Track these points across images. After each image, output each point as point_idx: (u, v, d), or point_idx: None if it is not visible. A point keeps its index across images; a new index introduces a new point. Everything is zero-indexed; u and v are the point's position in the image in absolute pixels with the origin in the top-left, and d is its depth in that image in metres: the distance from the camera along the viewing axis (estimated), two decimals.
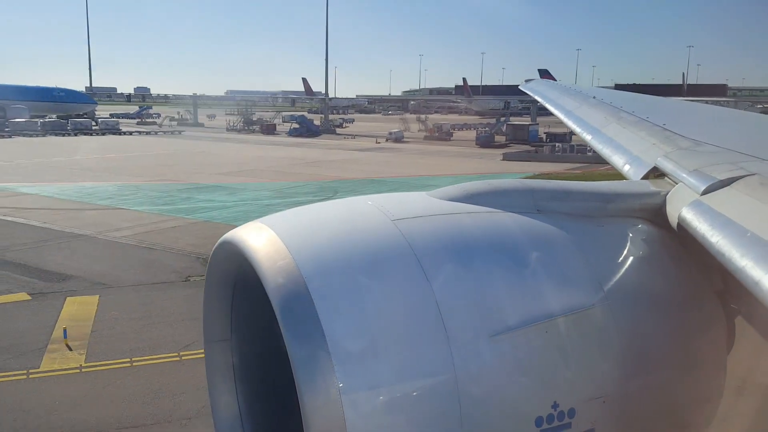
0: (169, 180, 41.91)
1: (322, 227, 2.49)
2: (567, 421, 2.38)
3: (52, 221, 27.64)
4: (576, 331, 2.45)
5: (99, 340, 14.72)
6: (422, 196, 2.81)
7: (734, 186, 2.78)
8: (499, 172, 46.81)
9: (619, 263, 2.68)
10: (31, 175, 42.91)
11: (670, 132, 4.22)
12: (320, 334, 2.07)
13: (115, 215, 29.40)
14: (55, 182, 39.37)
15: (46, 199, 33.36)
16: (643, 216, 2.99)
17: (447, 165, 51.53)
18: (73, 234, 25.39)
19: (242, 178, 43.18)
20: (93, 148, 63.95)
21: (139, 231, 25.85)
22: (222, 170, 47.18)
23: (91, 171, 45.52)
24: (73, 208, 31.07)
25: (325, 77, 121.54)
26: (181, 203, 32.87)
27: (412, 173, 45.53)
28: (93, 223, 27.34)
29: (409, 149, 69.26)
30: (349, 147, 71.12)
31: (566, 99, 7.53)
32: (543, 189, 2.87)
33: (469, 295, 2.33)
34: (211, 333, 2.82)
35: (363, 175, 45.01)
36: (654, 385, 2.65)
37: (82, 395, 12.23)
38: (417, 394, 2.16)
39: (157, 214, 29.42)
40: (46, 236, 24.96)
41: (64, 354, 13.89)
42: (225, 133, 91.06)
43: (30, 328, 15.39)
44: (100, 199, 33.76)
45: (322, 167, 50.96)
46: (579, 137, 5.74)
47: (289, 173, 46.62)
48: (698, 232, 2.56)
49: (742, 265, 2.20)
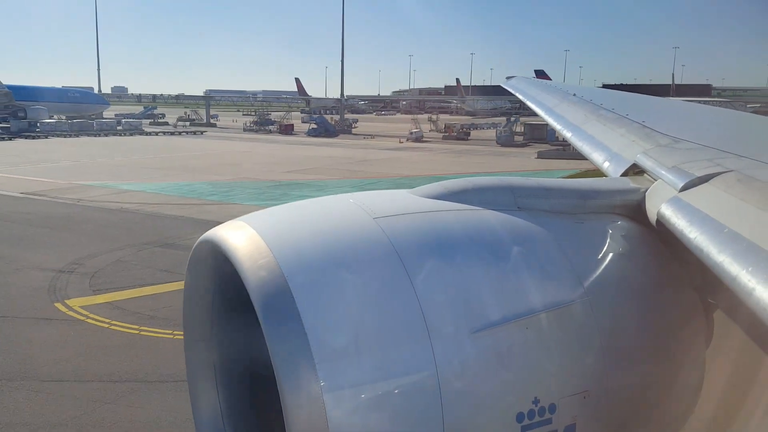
0: (249, 178, 40.89)
1: (303, 225, 2.45)
2: (548, 417, 2.34)
3: (189, 214, 27.71)
4: (556, 327, 2.41)
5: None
6: (404, 194, 2.77)
7: (712, 182, 2.74)
8: (543, 170, 46.04)
9: (598, 260, 2.64)
10: (114, 174, 41.61)
11: (649, 129, 4.16)
12: (301, 333, 2.04)
13: (237, 209, 27.95)
14: (148, 180, 38.73)
15: (161, 196, 33.00)
16: (623, 212, 2.95)
17: (491, 163, 51.20)
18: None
19: (314, 176, 42.15)
20: (138, 148, 62.06)
21: None
22: (287, 168, 46.22)
23: (163, 170, 44.55)
24: (193, 203, 30.78)
25: (341, 78, 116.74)
26: (285, 198, 32.10)
27: (468, 170, 44.98)
28: (229, 215, 26.72)
29: (438, 148, 67.72)
30: (376, 146, 69.06)
31: (546, 96, 7.42)
32: (523, 186, 2.83)
33: (450, 292, 2.30)
34: (192, 333, 2.76)
35: (425, 173, 42.95)
36: (634, 379, 2.60)
37: None
38: (399, 392, 2.12)
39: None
40: (201, 227, 25.75)
41: None
42: (243, 133, 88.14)
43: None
44: (207, 195, 33.52)
45: (375, 165, 49.97)
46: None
47: (353, 171, 45.98)
48: (677, 228, 2.53)
49: (719, 260, 2.18)
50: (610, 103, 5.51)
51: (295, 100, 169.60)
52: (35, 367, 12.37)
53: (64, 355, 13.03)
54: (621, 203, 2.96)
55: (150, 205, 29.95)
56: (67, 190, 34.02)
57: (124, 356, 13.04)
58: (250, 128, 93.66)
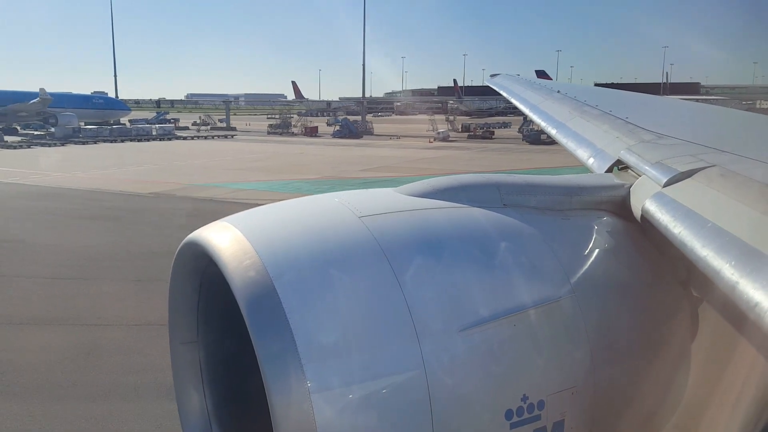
0: (334, 176, 40.61)
1: (288, 225, 2.40)
2: (537, 413, 2.30)
3: None
4: (544, 323, 2.37)
5: None
6: (389, 193, 2.73)
7: (695, 177, 2.72)
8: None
9: (585, 255, 2.61)
10: (208, 175, 41.50)
11: (632, 125, 4.13)
12: (288, 333, 2.00)
13: None
14: (244, 181, 38.59)
15: (278, 194, 31.74)
16: (608, 208, 2.91)
17: (537, 159, 49.86)
18: None
19: (386, 173, 41.55)
20: (194, 152, 61.38)
21: None
22: (358, 168, 45.53)
23: (242, 171, 44.10)
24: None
25: (362, 79, 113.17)
26: None
27: (524, 166, 45.03)
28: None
29: (472, 147, 66.97)
30: (411, 146, 68.14)
31: (531, 93, 7.33)
32: (509, 183, 2.77)
33: (437, 290, 2.26)
34: (177, 335, 2.70)
35: (491, 168, 42.42)
36: (621, 374, 2.56)
37: None
38: (387, 391, 2.08)
39: None
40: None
41: None
42: (268, 136, 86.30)
43: None
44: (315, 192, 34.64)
45: (435, 162, 49.58)
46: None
47: (420, 168, 45.21)
48: (661, 223, 2.50)
49: (703, 255, 2.17)
50: (594, 99, 5.49)
51: (290, 103, 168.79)
52: None
53: None
54: (606, 199, 2.93)
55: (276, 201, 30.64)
56: (189, 189, 34.30)
57: None
58: (274, 131, 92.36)
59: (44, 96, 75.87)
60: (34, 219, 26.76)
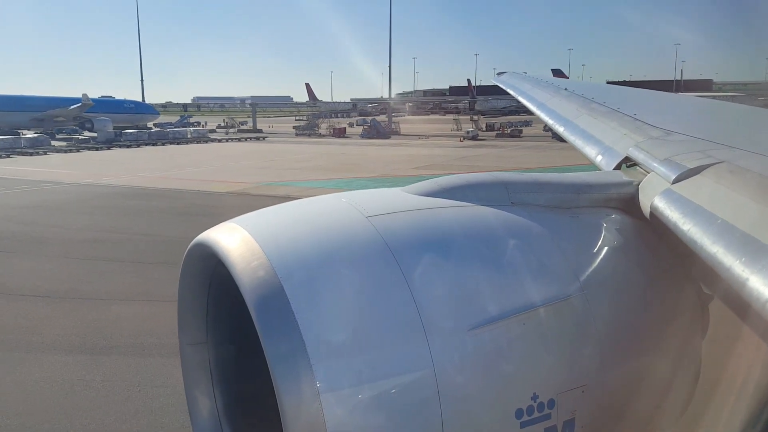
0: (392, 175, 40.27)
1: (296, 226, 2.38)
2: (547, 412, 2.27)
3: None
4: (553, 322, 2.34)
5: None
6: (396, 192, 2.71)
7: (704, 174, 2.66)
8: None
9: (594, 253, 2.57)
10: (269, 175, 41.32)
11: (640, 122, 4.05)
12: (297, 333, 2.00)
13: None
14: (304, 179, 38.56)
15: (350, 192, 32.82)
16: (617, 206, 2.85)
17: (577, 156, 46.82)
18: None
19: (438, 171, 40.14)
20: (238, 154, 60.44)
21: None
22: (405, 166, 45.09)
23: (295, 170, 43.81)
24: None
25: (389, 80, 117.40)
26: None
27: (565, 163, 44.47)
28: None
29: (506, 145, 65.47)
30: (445, 145, 67.22)
31: (538, 91, 7.21)
32: (517, 182, 2.73)
33: (446, 289, 2.23)
34: (187, 336, 2.70)
35: (537, 165, 42.34)
36: (632, 372, 2.52)
37: None
38: (396, 391, 2.06)
39: None
40: None
41: None
42: (297, 137, 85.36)
43: None
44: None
45: (481, 160, 48.79)
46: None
47: (472, 166, 44.29)
48: (670, 220, 2.46)
49: (713, 251, 2.13)
50: (602, 96, 5.41)
51: (304, 105, 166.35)
52: None
53: None
54: (614, 197, 2.88)
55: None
56: (261, 188, 34.15)
57: None
58: (302, 133, 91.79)
59: (86, 101, 77.32)
60: (142, 215, 27.40)
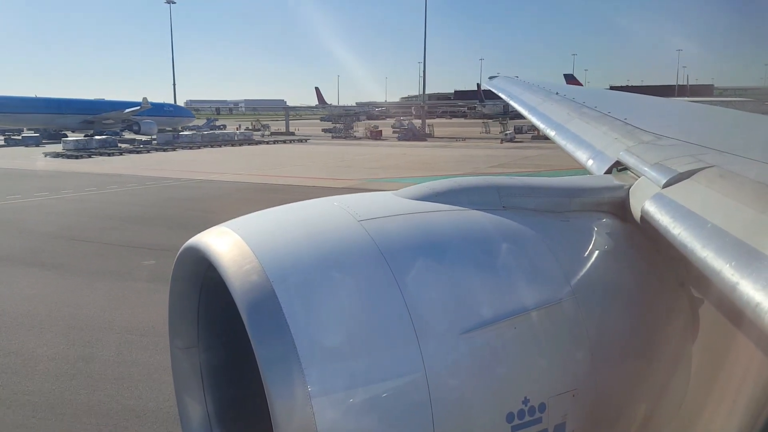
0: (470, 172, 38.72)
1: (288, 229, 2.34)
2: (538, 416, 2.23)
3: None
4: (545, 325, 2.29)
5: None
6: (388, 196, 2.65)
7: (694, 178, 2.59)
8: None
9: (585, 257, 2.52)
10: (346, 173, 41.12)
11: (631, 126, 3.98)
12: (288, 337, 1.98)
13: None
14: (403, 177, 37.75)
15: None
16: (608, 210, 2.78)
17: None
18: None
19: (507, 169, 40.61)
20: (296, 155, 59.63)
21: None
22: (477, 164, 44.78)
23: (362, 170, 43.54)
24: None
25: (423, 81, 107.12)
26: None
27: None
28: None
29: (545, 146, 59.63)
30: (487, 146, 66.80)
31: (530, 95, 7.23)
32: (508, 186, 2.68)
33: (438, 293, 2.20)
34: (178, 340, 2.69)
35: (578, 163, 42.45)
36: (623, 376, 2.46)
37: None
38: (388, 395, 2.04)
39: None
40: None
41: None
42: (334, 140, 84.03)
43: None
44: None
45: (536, 160, 48.52)
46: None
47: (537, 164, 44.40)
48: (660, 224, 2.40)
49: (703, 255, 2.08)
50: (593, 101, 5.37)
51: (312, 109, 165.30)
52: None
53: None
54: (605, 201, 2.82)
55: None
56: (371, 184, 34.16)
57: None
58: (337, 135, 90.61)
59: (146, 105, 77.71)
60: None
